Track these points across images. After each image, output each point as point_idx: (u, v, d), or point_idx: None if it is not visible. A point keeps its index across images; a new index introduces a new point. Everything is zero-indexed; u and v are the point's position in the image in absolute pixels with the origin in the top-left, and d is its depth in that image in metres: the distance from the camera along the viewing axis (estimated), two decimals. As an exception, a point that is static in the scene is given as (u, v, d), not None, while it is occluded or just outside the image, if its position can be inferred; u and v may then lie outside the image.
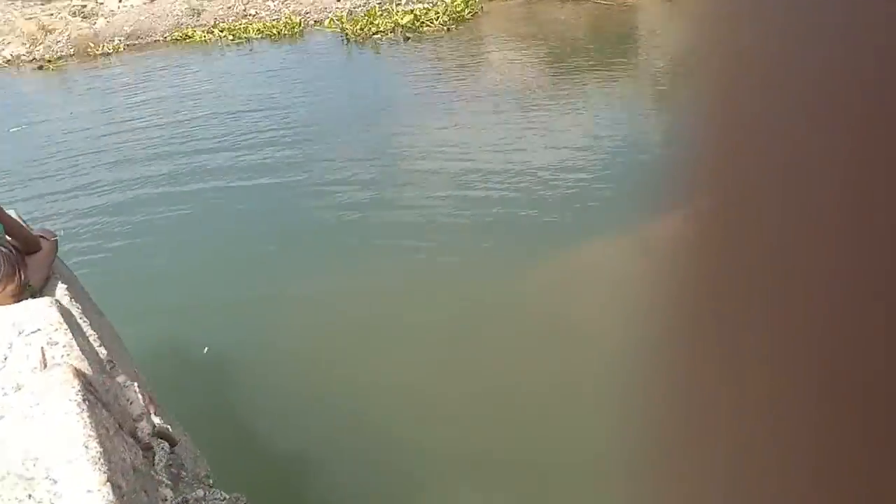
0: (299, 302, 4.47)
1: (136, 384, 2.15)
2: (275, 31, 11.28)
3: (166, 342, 4.11)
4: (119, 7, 12.87)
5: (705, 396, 0.27)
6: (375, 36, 10.39)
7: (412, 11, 10.81)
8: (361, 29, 10.52)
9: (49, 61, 11.38)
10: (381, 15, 10.90)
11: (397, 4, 11.35)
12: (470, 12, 10.70)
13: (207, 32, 11.78)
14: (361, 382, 3.71)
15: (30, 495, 1.43)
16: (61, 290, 2.55)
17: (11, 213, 2.66)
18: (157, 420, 2.18)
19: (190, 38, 11.74)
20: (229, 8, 12.58)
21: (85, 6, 13.06)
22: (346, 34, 10.52)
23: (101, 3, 12.98)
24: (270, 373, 3.88)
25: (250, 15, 12.31)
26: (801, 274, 0.21)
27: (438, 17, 10.48)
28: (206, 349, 4.10)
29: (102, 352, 2.24)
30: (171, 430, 2.30)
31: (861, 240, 0.19)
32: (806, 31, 0.21)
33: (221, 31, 11.69)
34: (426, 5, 11.16)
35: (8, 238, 2.51)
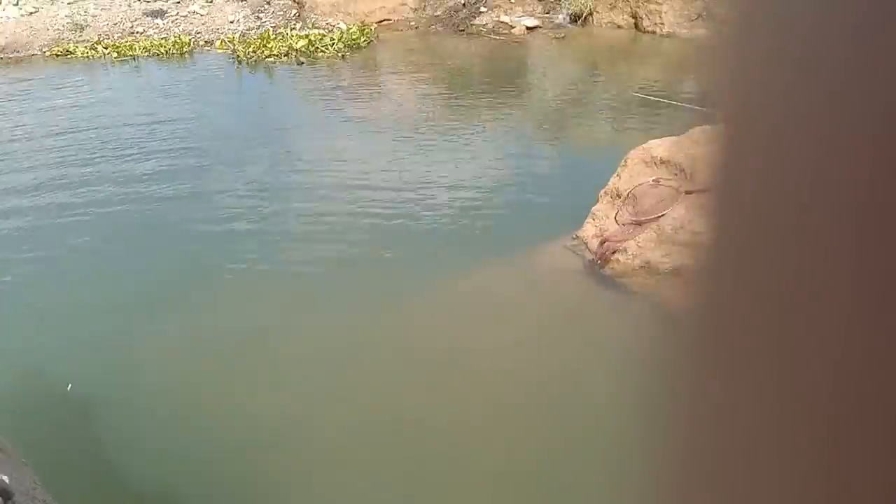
0: (174, 334, 4.29)
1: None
2: (162, 49, 10.93)
3: (28, 379, 3.85)
4: (-8, 17, 12.14)
5: None
6: (268, 59, 10.25)
7: (307, 36, 10.75)
8: (254, 51, 10.36)
9: None
10: (275, 38, 10.78)
11: (292, 29, 11.26)
12: (365, 41, 10.75)
13: (90, 49, 11.27)
14: (236, 418, 3.58)
15: None
16: None
17: None
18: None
19: (71, 53, 11.20)
20: (115, 24, 12.11)
21: (-46, 15, 12.25)
22: (238, 56, 10.33)
23: (-27, 13, 12.21)
24: (138, 412, 3.68)
25: (137, 33, 11.89)
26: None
27: (334, 44, 10.47)
28: (69, 386, 3.85)
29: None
30: (6, 481, 2.12)
31: None
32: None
33: (106, 48, 11.21)
34: (322, 31, 11.14)
35: None
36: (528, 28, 10.68)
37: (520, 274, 4.68)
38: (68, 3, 12.73)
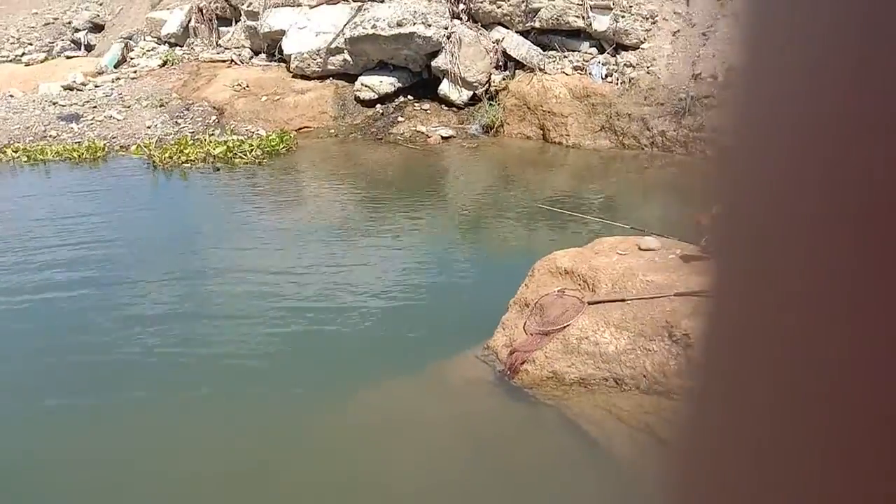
0: (61, 462, 4.06)
1: None
2: (75, 154, 10.78)
3: None
4: None
5: None
6: (185, 164, 10.24)
7: (225, 143, 10.84)
8: (170, 157, 10.34)
9: None
10: (193, 144, 10.81)
11: (211, 135, 11.34)
12: (285, 147, 10.91)
13: (-1, 152, 11.02)
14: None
15: None
16: None
17: None
18: None
19: (-23, 156, 10.91)
20: (27, 128, 11.91)
21: None
22: (154, 160, 10.28)
23: None
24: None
25: (50, 136, 11.71)
26: None
27: (252, 150, 10.57)
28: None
29: None
30: None
31: None
32: None
33: (15, 152, 10.98)
34: (241, 138, 11.26)
35: None
36: (443, 138, 11.11)
37: (431, 386, 4.69)
38: (-23, 107, 12.49)
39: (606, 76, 10.55)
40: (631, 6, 10.75)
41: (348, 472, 3.89)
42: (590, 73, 10.64)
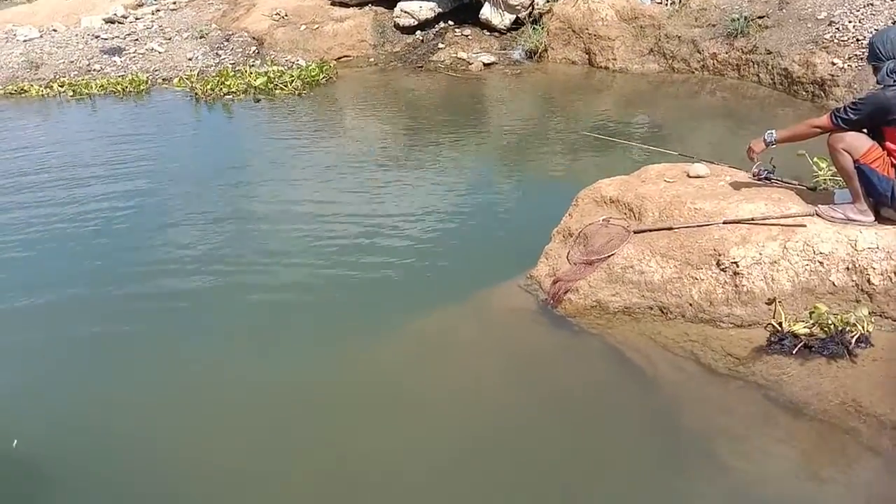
0: (123, 380, 4.25)
1: None
2: (119, 87, 10.88)
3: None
4: (-56, 56, 11.98)
5: None
6: (226, 96, 10.27)
7: (266, 73, 10.80)
8: (212, 89, 10.37)
9: None
10: (234, 76, 10.81)
11: (251, 66, 11.30)
12: (325, 77, 10.84)
13: (46, 87, 11.19)
14: (191, 474, 3.55)
15: None
16: None
17: None
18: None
19: (26, 92, 11.10)
20: (71, 62, 12.03)
21: None
22: (196, 93, 10.33)
23: (-76, 52, 12.04)
24: (84, 465, 3.63)
25: (94, 70, 11.83)
26: None
27: (293, 81, 10.53)
28: (15, 442, 3.77)
29: None
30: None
31: None
32: None
33: (61, 87, 11.13)
34: (281, 68, 11.20)
35: None
36: (485, 64, 10.88)
37: (476, 315, 4.73)
38: (23, 42, 12.62)
39: (655, -4, 10.12)
40: (682, -80, 10.20)
41: (395, 398, 3.97)
42: (637, -6, 10.22)
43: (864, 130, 3.91)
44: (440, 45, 11.55)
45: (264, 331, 4.70)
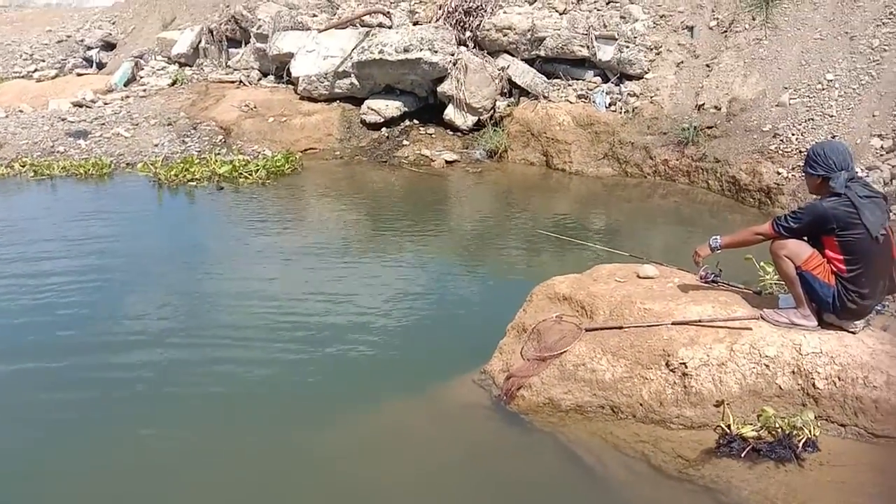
0: (60, 466, 4.06)
1: None
2: (82, 170, 10.86)
3: None
4: None
5: None
6: (190, 182, 10.31)
7: (231, 162, 10.91)
8: (176, 175, 10.41)
9: None
10: (199, 163, 10.89)
11: (217, 154, 11.42)
12: (290, 168, 10.98)
13: (7, 167, 11.11)
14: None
15: None
16: None
17: None
18: None
19: (-15, 170, 11.00)
20: (35, 143, 12.02)
21: None
22: (159, 178, 10.35)
23: None
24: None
25: (58, 152, 11.81)
26: None
27: (258, 170, 10.64)
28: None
29: None
30: None
31: None
32: None
33: (23, 166, 11.07)
34: (247, 157, 11.33)
35: None
36: (447, 162, 11.17)
37: (428, 408, 4.68)
38: (-13, 121, 12.61)
39: (610, 105, 10.62)
40: (635, 37, 10.85)
41: (344, 492, 3.87)
42: (593, 102, 10.72)
43: (805, 238, 4.08)
44: (405, 142, 11.86)
45: (211, 416, 4.58)
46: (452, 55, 11.62)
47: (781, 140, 8.81)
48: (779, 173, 8.51)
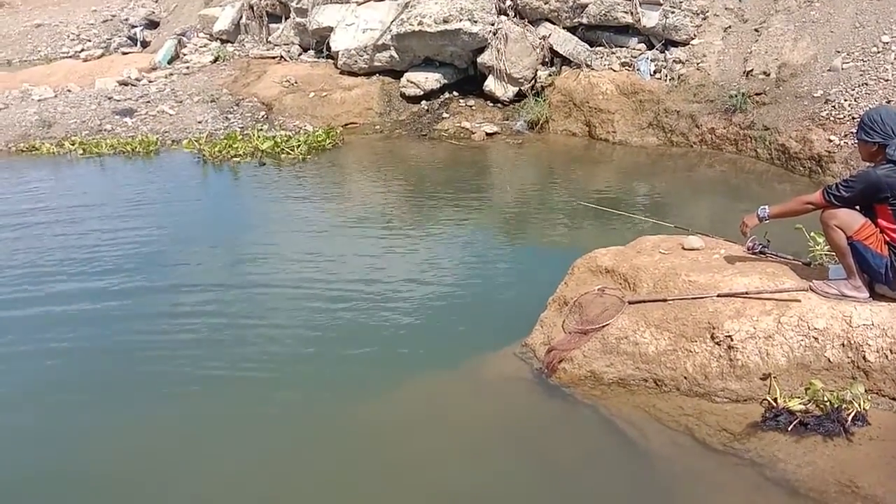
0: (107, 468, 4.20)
1: None
2: (129, 147, 11.09)
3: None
4: (-40, 113, 12.25)
5: None
6: (234, 159, 10.44)
7: (273, 138, 11.01)
8: (220, 151, 10.55)
9: None
10: (242, 139, 11.01)
11: (259, 130, 11.53)
12: (331, 143, 11.03)
13: (57, 145, 11.40)
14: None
15: None
16: None
17: None
18: None
19: (37, 149, 11.31)
20: (83, 122, 12.29)
21: (-79, 110, 12.35)
22: (204, 155, 10.51)
23: (-60, 109, 12.33)
24: None
25: (105, 130, 12.07)
26: None
27: (299, 146, 10.72)
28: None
29: None
30: None
31: None
32: None
33: (72, 145, 11.34)
34: (288, 133, 11.42)
35: None
36: (487, 134, 11.08)
37: (469, 381, 4.69)
38: (38, 101, 12.93)
39: (654, 72, 10.38)
40: (681, 2, 10.55)
41: (386, 464, 3.92)
42: (637, 70, 10.49)
43: (857, 207, 3.95)
44: (444, 115, 11.80)
45: (256, 388, 4.67)
46: (492, 25, 11.46)
47: (833, 106, 8.51)
48: (830, 140, 8.23)
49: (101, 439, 4.19)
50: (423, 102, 12.12)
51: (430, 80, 12.03)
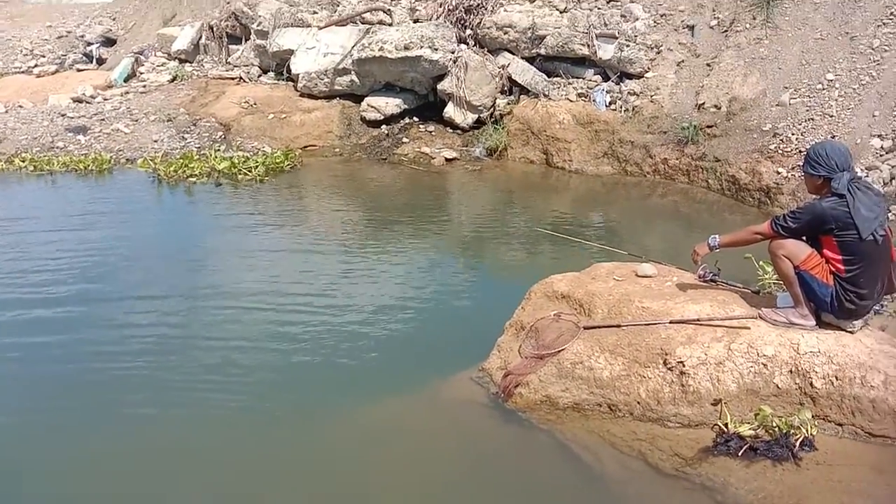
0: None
1: None
2: (81, 165, 10.86)
3: None
4: None
5: None
6: (190, 179, 10.30)
7: (230, 158, 10.90)
8: (175, 171, 10.41)
9: None
10: (198, 159, 10.88)
11: (216, 150, 11.41)
12: (289, 165, 10.97)
13: (6, 162, 11.10)
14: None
15: None
16: None
17: None
18: None
19: (-15, 165, 10.99)
20: (35, 139, 12.01)
21: None
22: (158, 174, 10.35)
23: None
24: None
25: (57, 147, 11.80)
26: None
27: (256, 167, 10.63)
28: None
29: None
30: None
31: None
32: None
33: (23, 162, 11.06)
34: (245, 154, 11.31)
35: None
36: (447, 159, 11.16)
37: (426, 405, 4.68)
38: (-13, 116, 12.60)
39: (610, 103, 10.61)
40: (636, 36, 10.84)
41: (341, 487, 3.88)
42: (594, 100, 10.71)
43: (804, 238, 4.08)
44: (404, 140, 11.85)
45: (213, 415, 4.59)
46: (453, 53, 11.61)
47: (781, 140, 8.81)
48: (778, 173, 8.51)
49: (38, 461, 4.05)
50: (384, 127, 12.16)
51: (391, 105, 12.09)
